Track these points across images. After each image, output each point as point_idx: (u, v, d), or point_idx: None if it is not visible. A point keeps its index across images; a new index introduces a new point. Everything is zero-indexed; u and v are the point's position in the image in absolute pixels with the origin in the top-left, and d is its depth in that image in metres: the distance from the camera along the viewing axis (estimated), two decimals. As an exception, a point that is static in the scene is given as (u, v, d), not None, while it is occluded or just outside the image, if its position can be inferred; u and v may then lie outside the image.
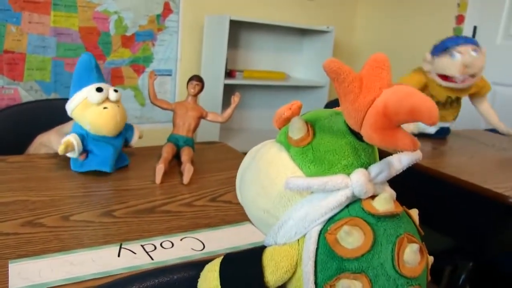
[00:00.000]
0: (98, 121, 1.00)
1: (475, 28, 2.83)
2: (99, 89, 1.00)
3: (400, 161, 0.44)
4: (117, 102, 1.04)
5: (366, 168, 0.44)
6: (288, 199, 0.45)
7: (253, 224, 0.52)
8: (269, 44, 3.25)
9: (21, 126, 1.40)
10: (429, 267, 0.44)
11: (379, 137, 0.40)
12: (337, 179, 0.43)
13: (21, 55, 2.42)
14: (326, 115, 0.48)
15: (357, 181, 0.42)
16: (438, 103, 1.64)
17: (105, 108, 1.00)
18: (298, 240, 0.44)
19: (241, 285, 0.44)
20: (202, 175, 1.06)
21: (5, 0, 2.30)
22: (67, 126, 1.12)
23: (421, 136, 1.69)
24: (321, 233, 0.42)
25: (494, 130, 1.78)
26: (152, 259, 0.67)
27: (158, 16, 2.77)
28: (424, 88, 1.65)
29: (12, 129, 1.40)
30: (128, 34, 2.70)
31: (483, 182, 1.17)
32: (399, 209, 0.43)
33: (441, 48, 1.59)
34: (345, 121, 0.44)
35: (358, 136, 0.44)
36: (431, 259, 0.44)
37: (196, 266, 0.47)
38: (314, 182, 0.43)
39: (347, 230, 0.40)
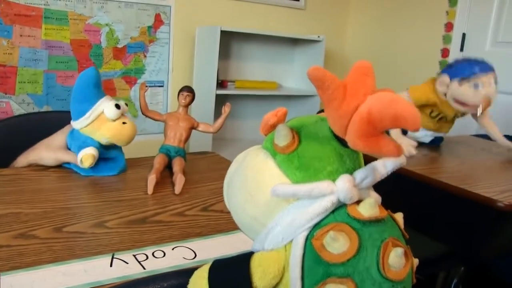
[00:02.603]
0: (119, 136, 1.07)
1: (463, 35, 2.86)
2: (117, 106, 1.07)
3: (384, 166, 0.45)
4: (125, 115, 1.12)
5: (351, 173, 0.45)
6: (275, 205, 0.46)
7: (240, 230, 0.52)
8: (261, 54, 3.27)
9: (13, 139, 1.40)
10: (414, 269, 0.44)
11: (363, 144, 0.40)
12: (323, 185, 0.43)
13: (13, 68, 2.42)
14: (311, 121, 0.48)
15: (342, 187, 0.43)
16: (444, 118, 1.63)
17: (124, 123, 1.07)
18: (285, 245, 0.44)
19: None
20: (193, 185, 1.06)
21: (-4, 14, 2.31)
22: (56, 139, 1.11)
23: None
24: (308, 238, 0.43)
25: (483, 136, 1.80)
26: (144, 268, 0.67)
27: (149, 27, 2.79)
28: (432, 104, 1.61)
29: (4, 143, 1.40)
30: (120, 46, 2.71)
31: (473, 187, 1.18)
32: (384, 213, 0.43)
33: (462, 74, 1.52)
34: (330, 127, 0.45)
35: (343, 142, 0.44)
36: (416, 261, 0.45)
37: (186, 274, 0.48)
38: (300, 189, 0.43)
39: (332, 235, 0.41)
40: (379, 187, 0.49)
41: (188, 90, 1.16)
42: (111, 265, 0.68)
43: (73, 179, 1.05)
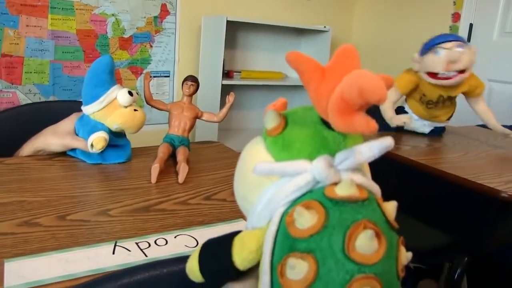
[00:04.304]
0: (130, 122, 1.10)
1: (471, 25, 2.84)
2: (130, 93, 1.09)
3: (370, 149, 0.44)
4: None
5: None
6: (258, 184, 0.46)
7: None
8: (267, 44, 3.26)
9: (19, 129, 1.41)
10: (404, 263, 0.43)
11: (341, 122, 0.40)
12: (297, 163, 0.44)
13: (19, 58, 2.43)
14: (303, 108, 0.49)
15: (316, 165, 0.43)
16: (430, 102, 1.65)
17: (135, 110, 1.10)
18: (268, 223, 0.45)
19: (213, 264, 0.45)
20: (197, 174, 1.07)
21: (2, 3, 2.32)
22: (62, 126, 1.11)
23: (416, 133, 1.70)
24: (283, 215, 0.43)
25: (486, 126, 1.79)
26: (146, 256, 0.68)
27: (155, 17, 2.79)
28: (416, 87, 1.66)
29: (10, 132, 1.41)
30: (126, 36, 2.72)
31: (477, 177, 1.18)
32: (363, 195, 0.42)
33: (428, 47, 1.59)
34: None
35: (329, 125, 0.44)
36: (408, 255, 0.44)
37: (186, 260, 0.48)
38: (275, 166, 0.44)
39: (298, 210, 0.40)
40: (383, 177, 0.48)
41: (192, 79, 1.16)
42: (113, 253, 0.68)
43: (77, 168, 1.05)
